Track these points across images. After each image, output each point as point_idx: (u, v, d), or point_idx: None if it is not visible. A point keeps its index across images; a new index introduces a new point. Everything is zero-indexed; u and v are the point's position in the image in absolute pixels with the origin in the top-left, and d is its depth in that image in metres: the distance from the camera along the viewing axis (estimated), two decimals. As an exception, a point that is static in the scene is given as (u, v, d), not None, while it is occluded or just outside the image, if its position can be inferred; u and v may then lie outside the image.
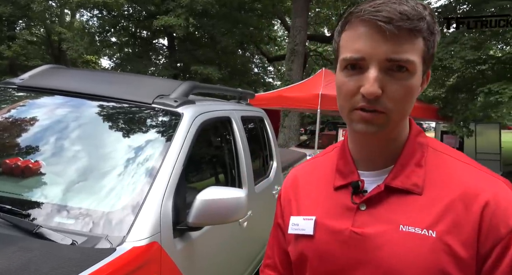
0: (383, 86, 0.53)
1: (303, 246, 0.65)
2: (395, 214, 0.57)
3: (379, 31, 0.52)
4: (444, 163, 0.60)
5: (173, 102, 1.56)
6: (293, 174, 0.76)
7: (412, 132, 0.62)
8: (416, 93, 0.56)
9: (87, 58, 18.49)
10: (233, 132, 2.03)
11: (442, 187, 0.57)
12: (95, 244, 1.01)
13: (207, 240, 1.50)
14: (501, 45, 9.65)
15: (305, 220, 0.65)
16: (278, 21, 18.48)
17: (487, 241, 0.53)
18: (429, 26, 0.53)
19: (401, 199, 0.58)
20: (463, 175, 0.57)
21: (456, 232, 0.54)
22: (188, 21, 12.06)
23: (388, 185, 0.59)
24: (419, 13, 0.52)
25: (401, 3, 0.52)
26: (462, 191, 0.55)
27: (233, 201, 1.31)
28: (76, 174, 1.30)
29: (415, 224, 0.55)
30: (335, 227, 0.61)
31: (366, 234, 0.58)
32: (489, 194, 0.54)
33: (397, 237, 0.56)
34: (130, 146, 1.44)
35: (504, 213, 0.52)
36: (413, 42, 0.52)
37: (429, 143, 0.62)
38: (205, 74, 12.72)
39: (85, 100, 1.57)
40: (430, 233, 0.54)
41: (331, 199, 0.64)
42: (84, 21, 17.09)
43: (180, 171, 1.33)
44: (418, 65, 0.54)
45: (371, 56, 0.53)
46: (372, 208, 0.59)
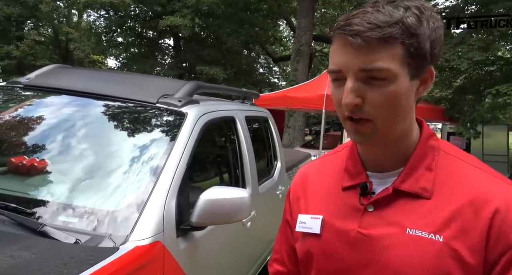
0: (363, 94, 0.54)
1: (310, 245, 0.65)
2: (403, 217, 0.57)
3: (350, 44, 0.52)
4: (455, 167, 0.59)
5: (177, 102, 1.56)
6: (302, 171, 0.76)
7: (423, 135, 0.62)
8: (403, 98, 0.55)
9: (94, 58, 18.64)
10: (237, 132, 2.03)
11: (451, 191, 0.56)
12: (99, 243, 1.01)
13: (211, 239, 1.50)
14: (510, 46, 9.53)
15: (312, 219, 0.66)
16: (283, 22, 18.46)
17: (495, 248, 0.52)
18: (408, 28, 0.52)
19: (409, 202, 0.58)
20: (474, 180, 0.57)
21: (464, 237, 0.53)
22: (194, 21, 12.10)
23: (396, 188, 0.59)
24: (394, 18, 0.51)
25: (377, 10, 0.52)
26: (472, 196, 0.55)
27: (237, 201, 1.31)
28: (80, 173, 1.31)
29: (423, 228, 0.55)
30: (342, 227, 0.62)
31: (373, 236, 0.58)
32: (499, 200, 0.53)
33: (404, 240, 0.56)
34: (134, 145, 1.44)
35: None
36: (387, 49, 0.52)
37: (441, 146, 0.62)
38: (211, 74, 12.75)
39: (90, 100, 1.58)
40: (437, 237, 0.54)
41: (339, 199, 0.64)
42: (91, 21, 17.27)
43: (183, 171, 1.33)
44: (396, 71, 0.53)
45: (347, 68, 0.54)
46: (379, 210, 0.59)
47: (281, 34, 21.29)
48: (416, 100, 0.59)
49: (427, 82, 0.58)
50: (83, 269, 0.87)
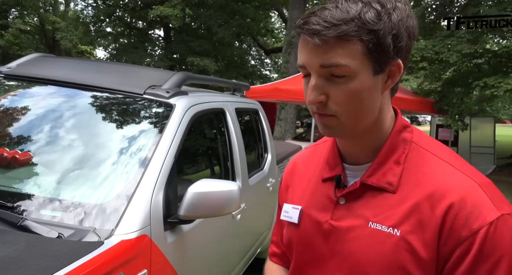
0: (327, 92, 0.55)
1: (291, 233, 0.68)
2: (367, 210, 0.59)
3: (309, 42, 0.53)
4: (423, 160, 0.59)
5: (165, 93, 1.53)
6: (293, 160, 0.79)
7: (395, 127, 0.61)
8: (365, 94, 0.55)
9: (82, 49, 18.23)
10: (227, 125, 2.00)
11: (414, 186, 0.57)
12: (82, 237, 0.99)
13: (199, 233, 1.48)
14: (497, 39, 9.64)
15: (293, 209, 0.68)
16: (275, 13, 18.29)
17: (447, 243, 0.52)
18: (365, 24, 0.51)
19: (375, 196, 0.59)
20: (437, 174, 0.56)
21: (420, 232, 0.54)
22: (184, 12, 11.89)
23: (363, 182, 0.60)
24: (349, 15, 0.51)
25: (336, 7, 0.52)
26: (431, 190, 0.55)
27: (226, 193, 1.29)
28: (64, 166, 1.28)
29: (383, 221, 0.57)
30: (317, 218, 0.64)
31: (341, 228, 0.60)
32: (456, 196, 0.53)
33: (365, 233, 0.58)
34: (120, 138, 1.41)
35: (467, 216, 0.51)
36: (344, 46, 0.52)
37: (414, 139, 0.61)
38: (201, 66, 12.60)
39: (74, 90, 1.54)
40: (395, 231, 0.55)
41: (318, 190, 0.66)
42: (79, 10, 16.80)
43: (171, 163, 1.30)
44: (355, 67, 0.53)
45: (309, 65, 0.55)
46: (350, 203, 0.61)
47: (273, 26, 21.11)
48: (387, 92, 0.59)
49: (395, 76, 0.57)
50: (65, 264, 0.85)
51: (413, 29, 0.56)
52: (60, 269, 0.84)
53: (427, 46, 7.34)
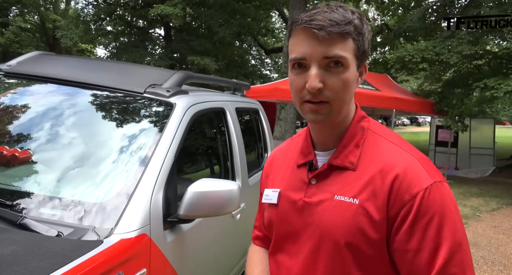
0: (324, 80, 0.65)
1: (271, 213, 0.80)
2: (334, 186, 0.71)
3: (314, 36, 0.64)
4: (377, 143, 0.72)
5: (165, 92, 1.52)
6: (272, 152, 0.92)
7: (355, 117, 0.74)
8: (352, 84, 0.67)
9: (82, 47, 18.21)
10: (227, 124, 2.00)
11: (370, 163, 0.69)
12: (82, 236, 0.99)
13: (199, 232, 1.48)
14: (498, 40, 9.64)
15: (273, 192, 0.80)
16: (276, 13, 18.27)
17: (394, 206, 0.65)
18: (357, 28, 0.65)
19: (340, 174, 0.71)
20: (387, 153, 0.70)
21: (374, 199, 0.66)
22: (185, 11, 11.88)
23: (330, 163, 0.72)
24: (347, 18, 0.64)
25: (332, 11, 0.64)
26: (381, 166, 0.68)
27: (226, 193, 1.29)
28: (64, 164, 1.27)
29: (345, 194, 0.69)
30: (293, 197, 0.76)
31: (312, 202, 0.72)
32: (400, 169, 0.66)
33: (332, 204, 0.70)
34: (120, 136, 1.40)
35: (409, 184, 0.64)
36: (344, 42, 0.64)
37: (370, 127, 0.75)
38: (202, 65, 12.58)
39: (74, 89, 1.53)
40: (355, 200, 0.67)
41: (294, 174, 0.78)
42: (79, 9, 16.77)
43: (171, 162, 1.30)
44: (350, 60, 0.65)
45: (311, 56, 0.64)
46: (320, 182, 0.73)
47: (273, 26, 21.08)
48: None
49: (362, 75, 0.71)
50: (64, 263, 0.85)
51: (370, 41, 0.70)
52: (59, 268, 0.84)
53: (427, 47, 7.33)
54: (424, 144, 12.86)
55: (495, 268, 3.49)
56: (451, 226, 0.63)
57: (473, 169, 9.28)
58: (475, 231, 4.63)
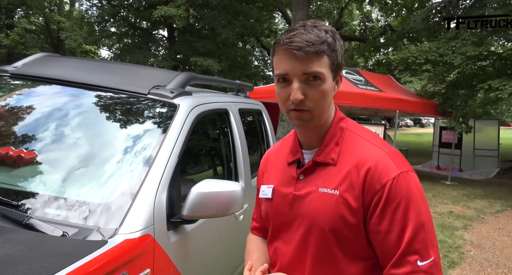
0: (305, 92, 0.76)
1: (267, 206, 0.91)
2: (318, 180, 0.82)
3: (294, 56, 0.74)
4: (354, 141, 0.83)
5: (169, 93, 1.53)
6: (267, 152, 1.02)
7: (334, 119, 0.85)
8: (329, 93, 0.78)
9: (86, 48, 18.31)
10: (230, 125, 2.01)
11: (348, 159, 0.80)
12: (86, 236, 0.99)
13: (202, 233, 1.49)
14: (502, 42, 9.58)
15: (268, 188, 0.91)
16: (279, 14, 18.29)
17: (368, 195, 0.76)
18: (330, 45, 0.75)
19: (323, 169, 0.82)
20: (362, 149, 0.80)
21: (351, 190, 0.77)
22: (188, 12, 11.92)
23: (314, 160, 0.83)
24: (321, 38, 0.74)
25: (308, 32, 0.74)
26: (357, 161, 0.79)
27: (229, 194, 1.29)
28: (69, 165, 1.28)
29: (328, 186, 0.80)
30: (284, 191, 0.87)
31: (301, 195, 0.83)
32: (371, 162, 0.77)
33: (317, 196, 0.80)
34: (125, 137, 1.41)
35: (379, 175, 0.75)
36: (319, 59, 0.75)
37: (348, 127, 0.85)
38: (205, 66, 12.61)
39: (79, 90, 1.54)
40: (336, 191, 0.78)
41: (285, 171, 0.89)
42: (83, 10, 16.88)
43: (175, 163, 1.31)
44: (327, 74, 0.76)
45: (292, 72, 0.75)
46: (307, 177, 0.84)
47: (277, 27, 21.10)
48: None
49: (338, 83, 0.83)
50: (69, 263, 0.85)
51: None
52: (64, 268, 0.84)
53: (431, 48, 7.31)
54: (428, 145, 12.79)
55: (499, 270, 3.47)
56: (415, 209, 0.74)
57: (477, 171, 9.21)
58: (479, 233, 4.59)
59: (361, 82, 7.33)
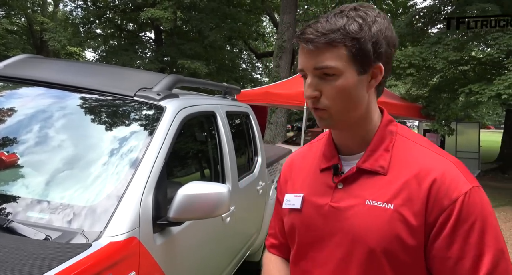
0: (321, 89, 0.66)
1: (293, 218, 0.77)
2: (364, 190, 0.68)
3: (306, 49, 0.66)
4: (408, 147, 0.70)
5: (156, 95, 1.53)
6: (291, 157, 0.89)
7: (382, 121, 0.73)
8: (351, 90, 0.66)
9: (71, 50, 17.97)
10: (217, 127, 2.01)
11: (403, 167, 0.67)
12: (70, 239, 0.98)
13: (189, 235, 1.48)
14: (482, 47, 9.90)
15: (295, 197, 0.77)
16: (266, 17, 18.42)
17: (433, 212, 0.63)
18: (348, 33, 0.63)
19: (369, 178, 0.69)
20: (421, 157, 0.68)
21: (410, 204, 0.64)
22: (175, 15, 11.87)
23: (359, 167, 0.70)
24: (336, 26, 0.63)
25: (327, 20, 0.64)
26: (417, 171, 0.66)
27: (216, 196, 1.30)
28: (53, 168, 1.26)
29: (378, 198, 0.66)
30: (318, 202, 0.73)
31: (341, 208, 0.70)
32: (437, 173, 0.64)
33: (363, 209, 0.67)
34: (110, 139, 1.40)
35: (447, 189, 0.62)
36: (332, 51, 0.64)
37: (398, 131, 0.73)
38: (192, 68, 12.57)
39: (63, 92, 1.52)
40: (389, 205, 0.65)
41: (317, 179, 0.76)
42: (68, 11, 16.58)
43: (161, 166, 1.30)
44: (341, 68, 0.64)
45: (306, 68, 0.67)
46: (347, 186, 0.71)
47: (264, 30, 21.24)
48: (373, 92, 0.70)
49: (377, 76, 0.68)
50: (52, 266, 0.84)
51: (392, 39, 0.67)
52: (47, 271, 0.83)
53: (414, 53, 7.49)
54: (412, 147, 13.03)
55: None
56: (493, 232, 0.61)
57: (459, 172, 9.43)
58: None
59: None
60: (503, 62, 7.21)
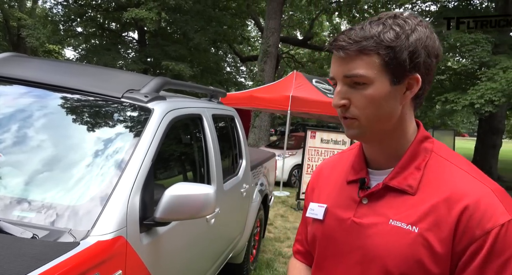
0: (349, 97, 0.64)
1: (315, 228, 0.75)
2: (389, 209, 0.65)
3: (337, 56, 0.64)
4: (442, 168, 0.65)
5: (143, 97, 1.55)
6: (320, 165, 0.88)
7: (417, 137, 0.68)
8: (382, 100, 0.63)
9: (50, 48, 17.46)
10: (203, 130, 2.04)
11: (433, 189, 0.63)
12: (57, 238, 0.98)
13: (174, 235, 1.50)
14: (458, 58, 10.37)
15: (319, 207, 0.76)
16: (252, 22, 18.56)
17: (462, 241, 0.58)
18: (382, 41, 0.60)
19: (396, 197, 0.65)
20: (455, 179, 0.63)
21: (436, 229, 0.60)
22: (160, 16, 11.78)
23: (386, 184, 0.67)
24: (369, 34, 0.61)
25: (362, 28, 0.62)
26: (448, 194, 0.61)
27: (202, 197, 1.33)
28: (40, 166, 1.26)
29: (403, 219, 0.63)
30: (341, 215, 0.71)
31: (363, 224, 0.67)
32: (471, 199, 0.59)
33: (386, 229, 0.64)
34: (98, 139, 1.40)
35: (481, 217, 0.58)
36: (363, 59, 0.61)
37: (435, 149, 0.68)
38: (177, 70, 12.48)
39: (50, 92, 1.51)
40: (414, 228, 0.61)
41: (343, 191, 0.74)
42: (47, 8, 16.13)
43: (148, 166, 1.32)
44: (372, 76, 0.62)
45: (336, 75, 0.65)
46: (372, 202, 0.68)
47: (249, 34, 21.36)
48: (409, 104, 0.66)
49: (413, 88, 0.64)
50: (39, 264, 0.85)
51: (433, 49, 0.63)
52: (35, 269, 0.84)
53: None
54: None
55: None
56: None
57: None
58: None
59: (330, 92, 7.61)
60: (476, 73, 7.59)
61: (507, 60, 7.06)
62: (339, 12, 15.50)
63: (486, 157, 9.96)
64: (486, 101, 6.52)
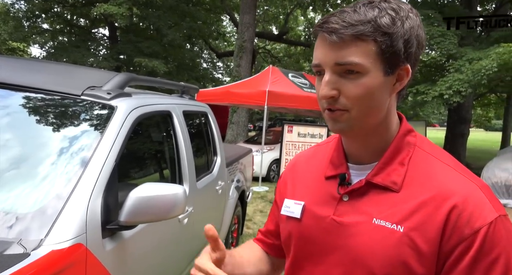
0: (339, 87, 0.57)
1: (291, 227, 0.70)
2: (372, 207, 0.61)
3: (327, 41, 0.57)
4: (427, 163, 0.62)
5: (106, 94, 1.45)
6: (294, 158, 0.82)
7: (400, 131, 0.65)
8: (376, 91, 0.58)
9: (13, 45, 16.53)
10: (173, 127, 1.96)
11: (418, 186, 0.60)
12: (4, 250, 0.89)
13: (143, 238, 1.43)
14: (427, 51, 10.70)
15: (295, 204, 0.70)
16: (226, 17, 18.36)
17: (450, 240, 0.55)
18: (380, 27, 0.55)
19: (379, 194, 0.61)
20: (441, 176, 0.60)
21: (423, 229, 0.56)
22: (131, 11, 11.41)
23: (368, 180, 0.62)
24: (366, 18, 0.55)
25: (355, 10, 0.56)
26: (435, 192, 0.58)
27: (170, 197, 1.27)
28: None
29: (387, 218, 0.59)
30: (319, 213, 0.66)
31: (344, 223, 0.62)
32: (459, 197, 0.56)
33: (369, 228, 0.60)
34: (55, 141, 1.30)
35: (469, 216, 0.55)
36: (359, 46, 0.55)
37: (418, 143, 0.65)
38: (150, 67, 12.17)
39: (3, 90, 1.39)
40: (399, 227, 0.58)
41: (321, 187, 0.69)
42: (9, 3, 15.24)
43: (111, 168, 1.24)
44: (368, 65, 0.56)
45: (324, 62, 0.58)
46: (353, 200, 0.63)
47: (225, 30, 21.15)
48: (395, 96, 0.63)
49: (403, 79, 0.60)
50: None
51: (421, 39, 0.59)
52: (-24, 287, 0.76)
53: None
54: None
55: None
56: None
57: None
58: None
59: (306, 86, 7.65)
60: (445, 65, 7.86)
61: (472, 52, 7.34)
62: (313, 6, 15.61)
63: (455, 146, 10.39)
64: (454, 92, 6.76)
